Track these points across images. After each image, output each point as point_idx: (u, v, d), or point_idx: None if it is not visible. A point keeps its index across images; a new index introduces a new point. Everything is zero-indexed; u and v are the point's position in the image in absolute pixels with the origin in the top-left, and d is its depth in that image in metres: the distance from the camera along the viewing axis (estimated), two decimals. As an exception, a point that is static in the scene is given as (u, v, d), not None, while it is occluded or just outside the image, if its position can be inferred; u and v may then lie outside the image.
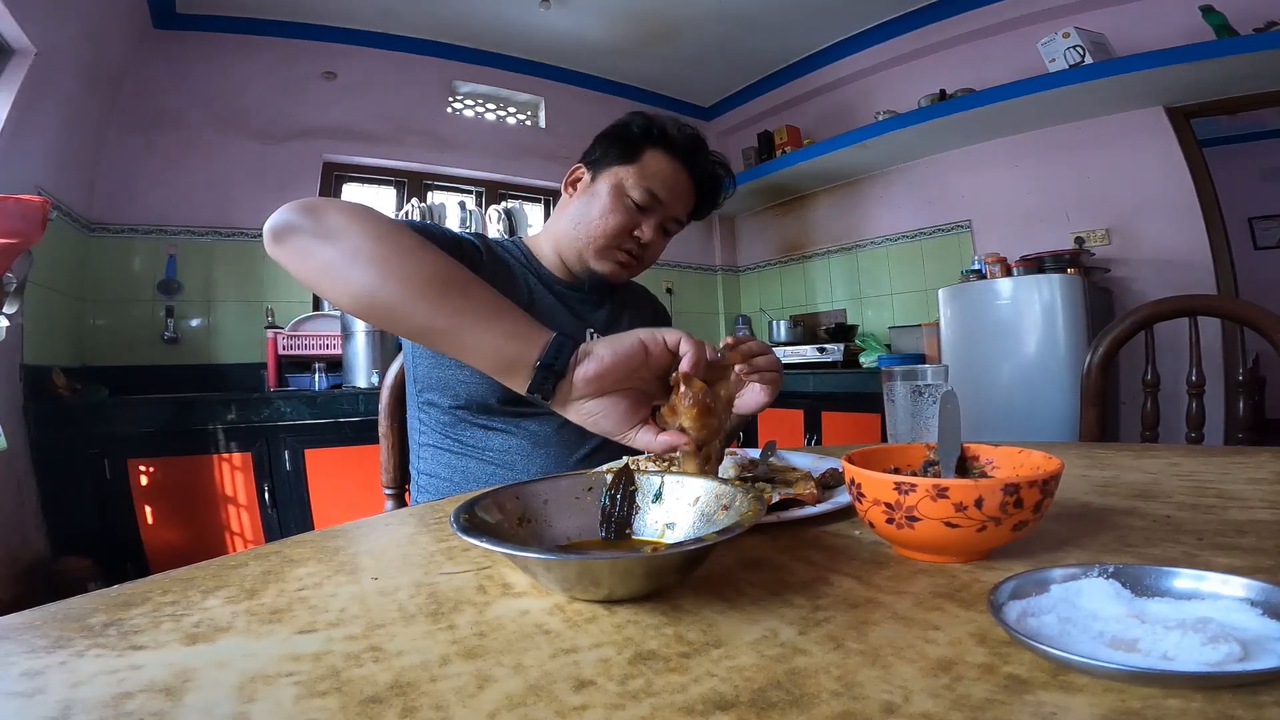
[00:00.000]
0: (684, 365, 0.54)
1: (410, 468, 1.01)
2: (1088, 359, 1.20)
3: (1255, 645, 0.27)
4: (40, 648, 0.33)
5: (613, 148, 0.96)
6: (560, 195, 1.03)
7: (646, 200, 0.93)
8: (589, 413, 0.56)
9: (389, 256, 0.59)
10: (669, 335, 0.55)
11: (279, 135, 2.93)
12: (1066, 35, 2.42)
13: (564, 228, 0.99)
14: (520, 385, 0.56)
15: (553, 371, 0.54)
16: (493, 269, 0.94)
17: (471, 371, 0.90)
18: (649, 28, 3.17)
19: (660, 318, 1.18)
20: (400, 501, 1.12)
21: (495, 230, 3.14)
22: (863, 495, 0.44)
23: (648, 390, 0.58)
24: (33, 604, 0.39)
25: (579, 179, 1.00)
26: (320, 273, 0.61)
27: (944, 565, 0.42)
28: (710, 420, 0.54)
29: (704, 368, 0.55)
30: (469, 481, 0.91)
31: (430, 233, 0.86)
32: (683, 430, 0.54)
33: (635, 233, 0.95)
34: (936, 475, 0.49)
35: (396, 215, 3.20)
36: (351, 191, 3.24)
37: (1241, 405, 1.24)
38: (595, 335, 0.98)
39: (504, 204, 3.29)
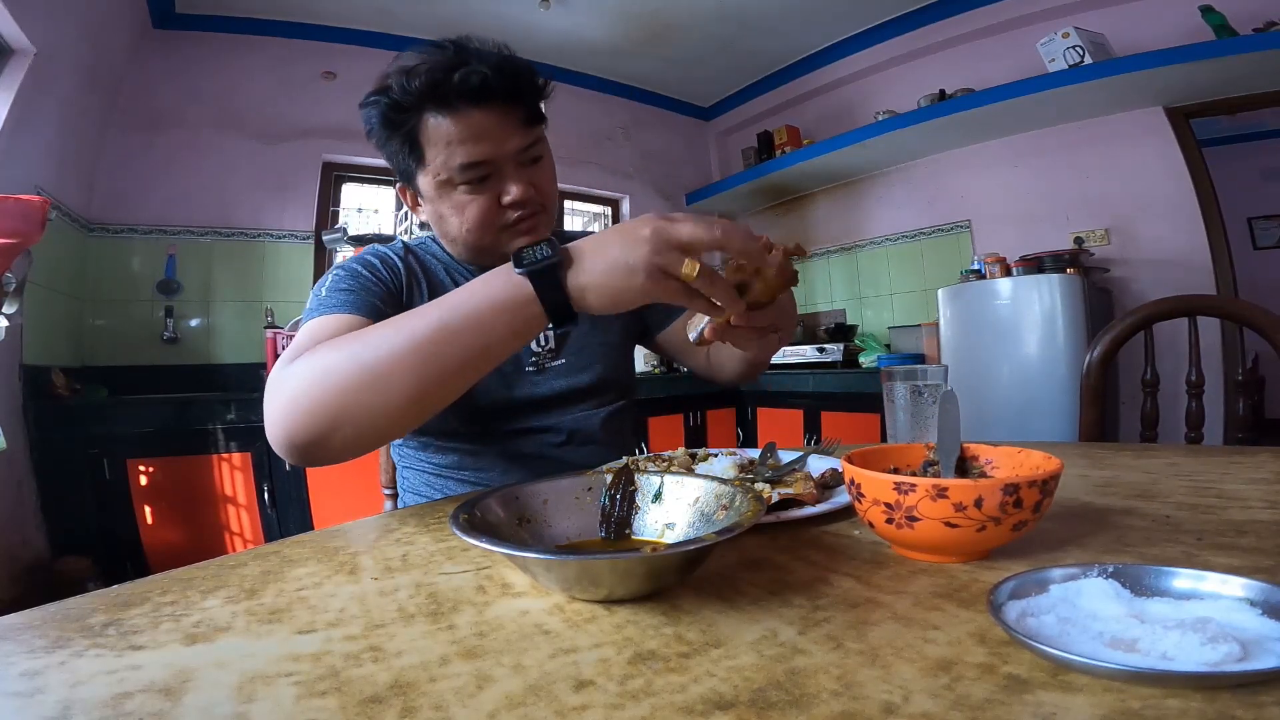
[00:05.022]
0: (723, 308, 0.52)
1: (398, 486, 1.00)
2: (1087, 359, 1.20)
3: (1254, 645, 0.27)
4: (40, 648, 0.33)
5: (400, 158, 0.81)
6: None
7: (471, 175, 0.77)
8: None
9: (371, 364, 0.56)
10: (672, 269, 0.50)
11: (278, 135, 2.92)
12: (1066, 35, 2.42)
13: (446, 247, 0.89)
14: (546, 326, 0.56)
15: (563, 309, 0.54)
16: (417, 273, 0.89)
17: None
18: (649, 28, 3.17)
19: None
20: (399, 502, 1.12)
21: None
22: (862, 495, 0.44)
23: None
24: (32, 604, 0.39)
25: (412, 200, 0.87)
26: (366, 412, 0.57)
27: (944, 565, 0.42)
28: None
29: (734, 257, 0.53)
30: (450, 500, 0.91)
31: (364, 279, 0.81)
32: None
33: (503, 200, 0.80)
34: (936, 475, 0.49)
35: (395, 215, 3.20)
36: (351, 191, 3.23)
37: (1241, 405, 1.24)
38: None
39: (504, 204, 3.28)
